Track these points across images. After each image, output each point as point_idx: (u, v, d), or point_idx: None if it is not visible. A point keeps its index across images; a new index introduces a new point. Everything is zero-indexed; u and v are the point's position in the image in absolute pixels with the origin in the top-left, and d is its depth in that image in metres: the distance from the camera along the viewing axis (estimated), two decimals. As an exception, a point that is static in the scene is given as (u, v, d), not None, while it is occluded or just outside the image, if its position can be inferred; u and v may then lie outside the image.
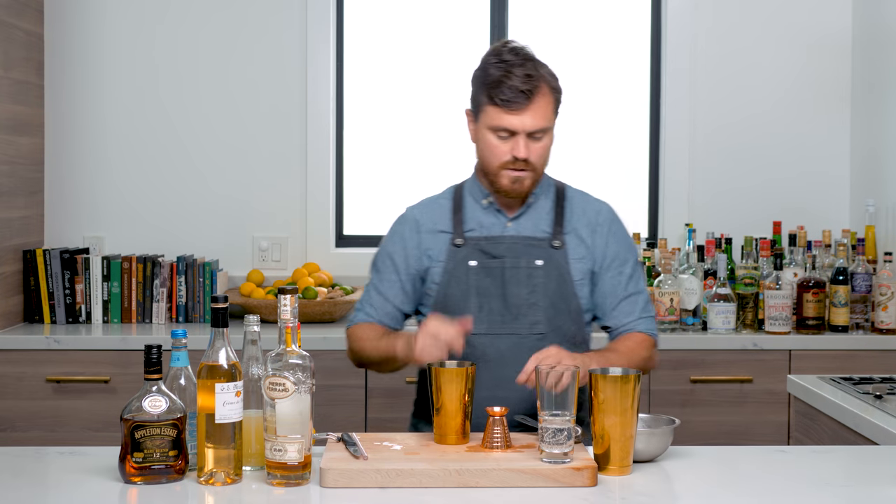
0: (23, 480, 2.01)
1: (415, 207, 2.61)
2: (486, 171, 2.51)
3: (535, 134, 2.43)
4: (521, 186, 2.47)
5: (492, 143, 2.44)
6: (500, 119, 2.41)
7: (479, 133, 2.49)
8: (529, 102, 2.40)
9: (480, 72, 2.47)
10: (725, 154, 4.40)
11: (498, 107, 2.40)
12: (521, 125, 2.41)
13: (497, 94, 2.40)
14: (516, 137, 2.42)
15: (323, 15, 4.32)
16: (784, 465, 2.13)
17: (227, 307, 2.00)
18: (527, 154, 2.42)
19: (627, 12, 4.51)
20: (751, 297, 3.91)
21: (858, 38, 4.35)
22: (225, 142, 4.33)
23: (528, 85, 2.39)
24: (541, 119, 2.42)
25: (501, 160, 2.44)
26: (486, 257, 2.49)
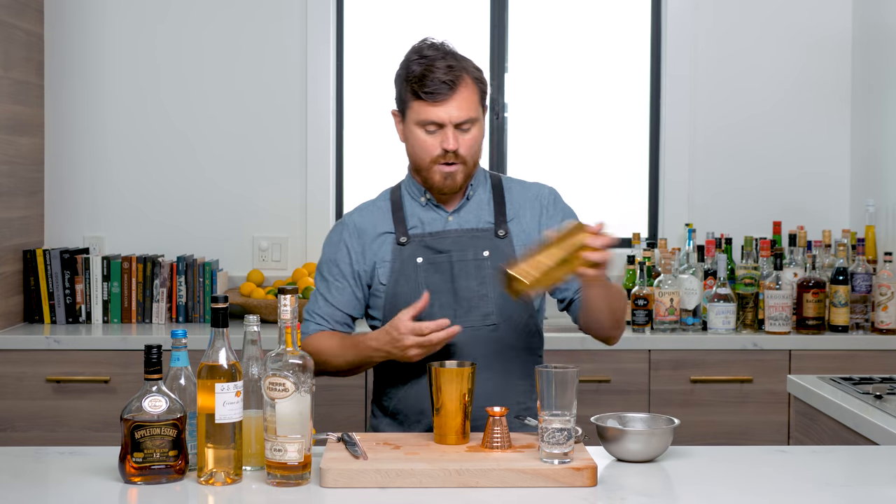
0: (23, 480, 2.01)
1: (353, 213, 2.60)
2: (417, 168, 2.50)
3: (462, 125, 2.42)
4: (452, 182, 2.46)
5: (420, 138, 2.44)
6: (426, 112, 2.41)
7: (407, 131, 2.48)
8: (453, 93, 2.40)
9: (403, 70, 2.47)
10: (725, 154, 4.41)
11: (423, 100, 2.40)
12: (447, 116, 2.40)
13: (421, 87, 2.40)
14: (444, 130, 2.41)
15: (323, 15, 4.32)
16: (784, 465, 2.13)
17: (227, 307, 2.00)
18: (456, 145, 2.41)
19: (627, 13, 4.51)
20: (751, 297, 3.91)
21: (858, 38, 4.35)
22: (225, 141, 4.33)
23: (451, 76, 2.40)
24: (466, 109, 2.41)
25: (432, 154, 2.44)
26: (432, 253, 2.48)
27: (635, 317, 3.90)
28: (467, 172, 2.48)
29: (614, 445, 2.12)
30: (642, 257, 4.03)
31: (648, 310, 3.90)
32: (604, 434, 2.13)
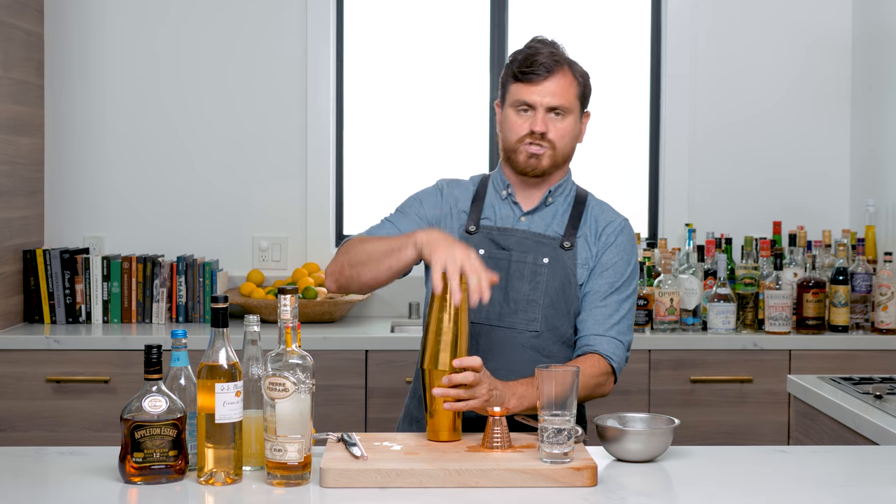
0: (23, 480, 2.01)
1: (448, 182, 2.59)
2: (506, 149, 2.50)
3: (555, 110, 2.44)
4: (537, 162, 2.46)
5: (511, 118, 2.47)
6: (520, 93, 2.44)
7: (503, 115, 2.51)
8: (550, 76, 2.43)
9: (510, 58, 2.52)
10: (725, 154, 4.41)
11: (519, 81, 2.44)
12: (539, 98, 2.43)
13: (520, 68, 2.44)
14: (534, 112, 2.44)
15: (323, 15, 4.32)
16: (784, 465, 2.13)
17: (227, 307, 2.00)
18: (544, 128, 2.42)
19: (627, 12, 4.51)
20: (751, 297, 3.91)
21: (858, 37, 4.35)
22: (225, 142, 4.33)
23: (551, 61, 2.43)
24: (560, 96, 2.44)
25: (519, 134, 2.45)
26: (495, 248, 2.48)
27: (635, 317, 3.90)
28: (554, 160, 2.47)
29: (614, 445, 2.12)
30: (642, 257, 4.03)
31: (648, 310, 3.90)
32: (604, 434, 2.13)
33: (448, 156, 4.43)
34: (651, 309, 3.90)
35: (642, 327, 3.91)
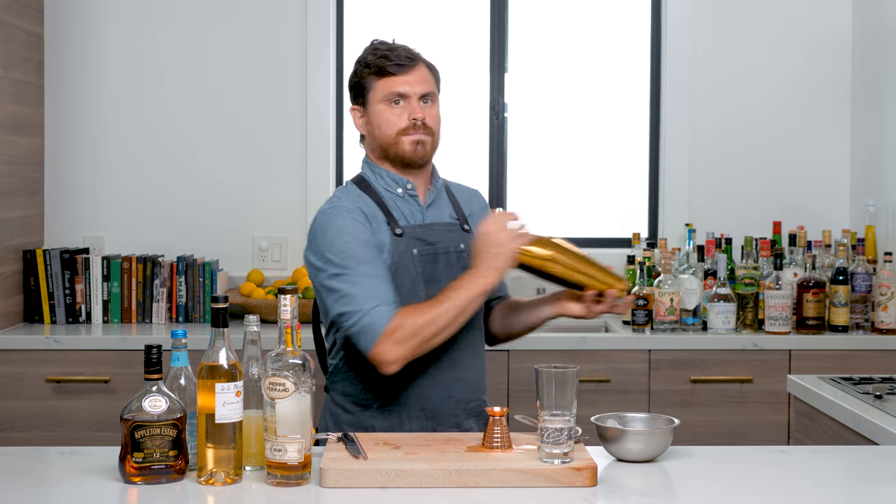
0: (23, 480, 2.01)
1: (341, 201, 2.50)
2: (385, 146, 2.51)
3: (425, 98, 2.50)
4: (423, 149, 2.50)
5: (386, 114, 2.49)
6: (390, 85, 2.48)
7: (371, 114, 2.52)
8: (415, 66, 2.50)
9: (359, 64, 2.55)
10: (726, 156, 4.41)
11: (387, 76, 2.48)
12: (410, 87, 2.48)
13: (383, 64, 2.49)
14: (409, 101, 2.49)
15: (323, 16, 4.32)
16: (784, 465, 2.13)
17: (227, 307, 2.00)
18: (423, 114, 2.48)
19: (628, 15, 4.51)
20: (751, 297, 3.91)
21: (858, 40, 4.35)
22: (225, 142, 4.33)
23: (409, 53, 2.52)
24: (428, 84, 2.51)
25: (399, 126, 2.48)
26: (424, 245, 2.49)
27: (635, 317, 3.90)
28: (433, 145, 2.53)
29: (614, 445, 2.12)
30: (642, 257, 4.03)
31: (648, 310, 3.90)
32: (604, 434, 2.13)
33: (448, 156, 4.41)
34: (651, 309, 3.90)
35: (642, 327, 3.90)
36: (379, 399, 2.48)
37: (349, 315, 2.34)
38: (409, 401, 2.47)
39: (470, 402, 2.52)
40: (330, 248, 2.40)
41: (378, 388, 2.48)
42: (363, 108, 2.54)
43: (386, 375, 2.38)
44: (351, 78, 2.57)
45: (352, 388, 2.51)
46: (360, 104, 2.54)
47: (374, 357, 2.33)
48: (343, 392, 2.53)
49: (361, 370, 2.47)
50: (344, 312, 2.35)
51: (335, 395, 2.55)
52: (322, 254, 2.41)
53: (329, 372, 2.57)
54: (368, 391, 2.49)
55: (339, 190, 2.57)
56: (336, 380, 2.55)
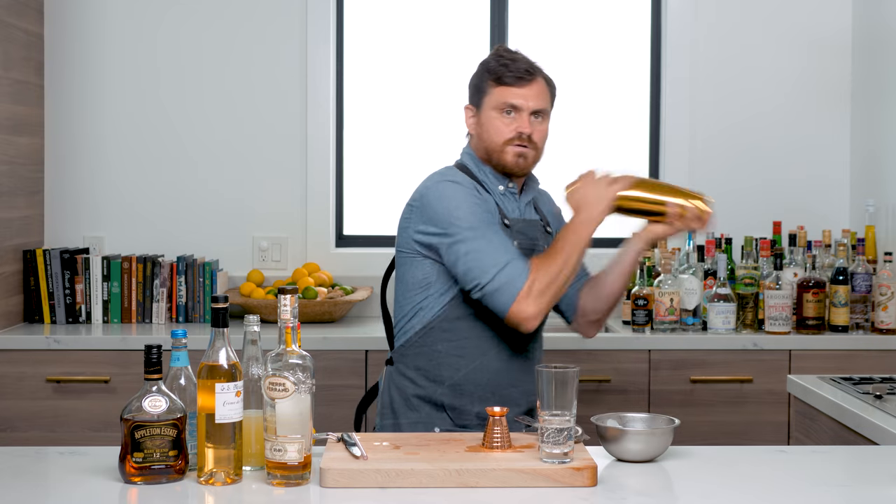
0: (23, 480, 2.01)
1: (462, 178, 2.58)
2: (490, 151, 2.61)
3: (536, 114, 2.59)
4: (525, 162, 2.61)
5: (495, 122, 2.59)
6: (505, 95, 2.58)
7: (483, 118, 2.62)
8: (532, 81, 2.59)
9: (481, 66, 2.66)
10: (725, 155, 4.41)
11: (504, 85, 2.58)
12: (524, 101, 2.57)
13: (502, 74, 2.58)
14: (520, 114, 2.58)
15: (323, 15, 4.32)
16: (784, 465, 2.13)
17: (227, 307, 2.00)
18: (531, 130, 2.58)
19: (627, 14, 4.51)
20: (751, 297, 3.91)
21: (858, 38, 4.35)
22: (225, 142, 4.33)
23: (530, 67, 2.60)
24: (542, 100, 2.61)
25: (506, 136, 2.58)
26: (525, 238, 2.61)
27: (635, 317, 3.90)
28: (536, 160, 2.64)
29: (614, 445, 2.12)
30: (642, 257, 4.03)
31: (648, 310, 3.90)
32: (604, 434, 2.13)
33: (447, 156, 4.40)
34: (651, 309, 3.90)
35: (642, 327, 3.90)
36: (453, 377, 2.57)
37: (483, 270, 2.43)
38: (482, 382, 2.57)
39: (531, 394, 2.59)
40: (454, 212, 2.50)
41: (453, 367, 2.57)
42: (476, 110, 2.64)
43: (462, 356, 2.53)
44: (472, 78, 2.67)
45: (425, 363, 2.60)
46: (475, 105, 2.65)
47: (514, 314, 2.43)
48: (415, 366, 2.61)
49: (442, 345, 2.57)
50: (474, 268, 2.44)
51: (404, 367, 2.63)
52: (443, 220, 2.51)
53: (400, 344, 2.63)
54: (443, 368, 2.57)
55: (445, 169, 2.65)
56: (408, 353, 2.62)
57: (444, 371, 2.58)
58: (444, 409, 2.58)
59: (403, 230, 2.61)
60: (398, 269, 2.65)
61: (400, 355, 2.64)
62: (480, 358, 2.58)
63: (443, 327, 2.57)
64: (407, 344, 2.62)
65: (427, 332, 2.59)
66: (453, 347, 2.58)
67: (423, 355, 2.60)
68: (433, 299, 2.57)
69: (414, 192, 2.63)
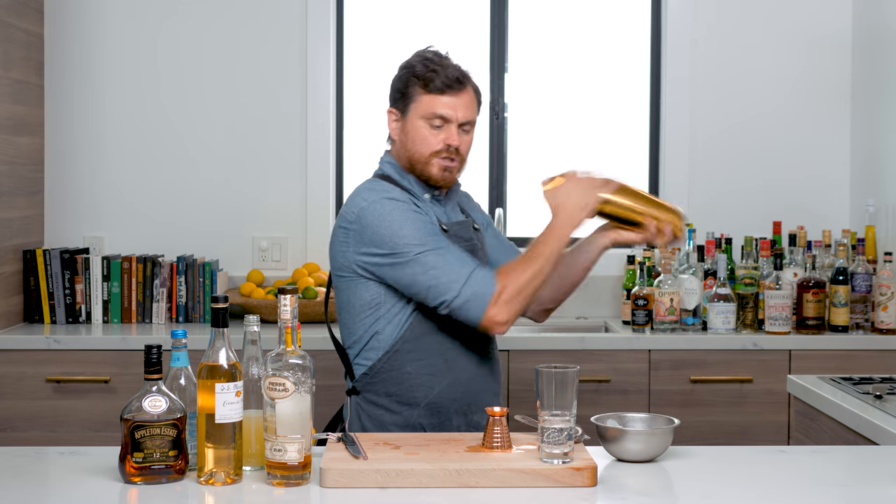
0: (23, 480, 2.01)
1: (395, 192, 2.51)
2: (414, 161, 2.54)
3: (464, 125, 2.52)
4: (451, 176, 2.55)
5: (423, 132, 2.51)
6: (434, 105, 2.49)
7: (408, 125, 2.53)
8: (462, 90, 2.51)
9: (407, 70, 2.55)
10: (726, 155, 4.41)
11: (432, 94, 2.49)
12: (453, 112, 2.50)
13: (432, 81, 2.49)
14: (449, 126, 2.50)
15: (323, 15, 4.32)
16: (784, 465, 2.13)
17: (227, 307, 2.00)
18: (459, 142, 2.51)
19: (627, 14, 4.51)
20: (751, 297, 3.91)
21: (858, 38, 4.35)
22: (225, 141, 4.33)
23: (461, 75, 2.52)
24: (470, 110, 2.53)
25: (433, 148, 2.51)
26: (463, 241, 2.55)
27: (635, 317, 3.90)
28: (460, 170, 2.58)
29: (614, 445, 2.12)
30: (642, 257, 4.03)
31: (648, 310, 3.90)
32: (604, 434, 2.13)
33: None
34: (651, 309, 3.90)
35: (642, 327, 3.90)
36: (427, 397, 2.50)
37: (447, 286, 2.38)
38: (456, 397, 2.51)
39: (499, 395, 2.61)
40: (398, 232, 2.43)
41: (425, 387, 2.49)
42: (401, 115, 2.55)
43: (433, 374, 2.48)
44: (395, 80, 2.57)
45: (396, 388, 2.50)
46: (399, 110, 2.56)
47: (487, 321, 2.39)
48: (385, 392, 2.51)
49: (411, 366, 2.49)
50: (437, 284, 2.38)
51: (373, 396, 2.53)
52: (388, 241, 2.43)
53: (363, 372, 2.53)
54: (416, 389, 2.49)
55: (372, 183, 2.56)
56: (374, 380, 2.52)
57: (418, 392, 2.49)
58: (424, 430, 2.49)
59: (340, 253, 2.50)
60: (339, 294, 2.55)
61: (365, 384, 2.53)
62: (451, 372, 2.50)
63: (407, 348, 2.48)
64: (371, 371, 2.52)
65: (392, 355, 2.49)
66: (423, 366, 2.49)
67: (391, 380, 2.50)
68: (387, 320, 2.48)
69: (343, 210, 2.53)
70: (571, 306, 4.19)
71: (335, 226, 2.55)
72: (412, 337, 2.49)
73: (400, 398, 2.50)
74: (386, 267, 2.43)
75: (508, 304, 2.38)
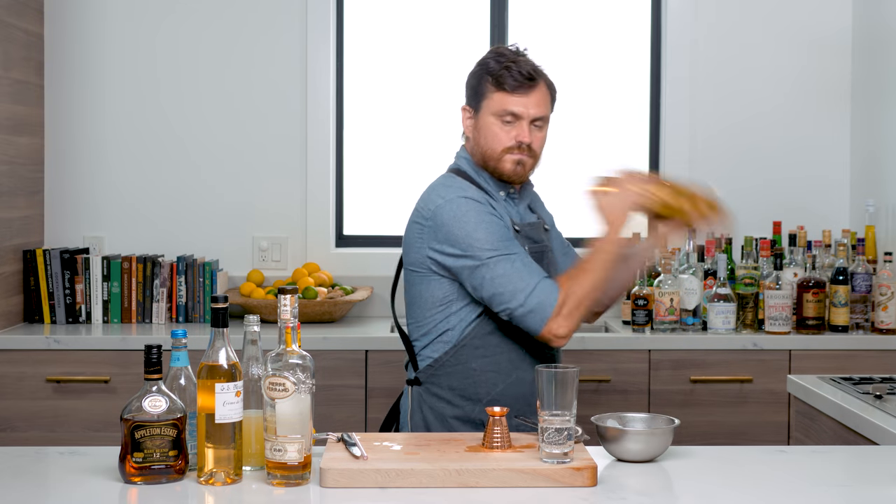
0: (23, 480, 2.01)
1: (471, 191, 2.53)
2: (487, 158, 2.56)
3: (536, 121, 2.54)
4: (522, 170, 2.56)
5: (495, 129, 2.54)
6: (505, 103, 2.52)
7: (480, 122, 2.56)
8: (533, 87, 2.53)
9: (481, 67, 2.58)
10: (726, 155, 4.41)
11: (504, 92, 2.51)
12: (525, 109, 2.52)
13: (503, 79, 2.51)
14: (520, 122, 2.52)
15: (323, 15, 4.32)
16: (784, 465, 2.13)
17: (227, 307, 2.00)
18: (530, 139, 2.53)
19: (627, 14, 4.51)
20: (751, 297, 3.91)
21: (858, 38, 4.35)
22: (225, 142, 4.33)
23: (533, 71, 2.53)
24: (543, 107, 2.55)
25: (505, 144, 2.53)
26: (532, 243, 2.59)
27: (635, 317, 3.90)
28: (533, 167, 2.60)
29: (614, 445, 2.12)
30: (642, 257, 4.02)
31: (648, 310, 3.90)
32: (604, 434, 2.13)
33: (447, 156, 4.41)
34: (651, 309, 3.90)
35: (642, 327, 3.90)
36: (490, 393, 2.53)
37: (512, 294, 2.42)
38: (519, 393, 2.54)
39: None
40: (473, 234, 2.46)
41: (489, 384, 2.53)
42: (474, 112, 2.58)
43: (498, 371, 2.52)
44: (469, 78, 2.60)
45: (460, 382, 2.54)
46: (473, 107, 2.58)
47: (547, 333, 2.43)
48: (449, 386, 2.55)
49: (476, 363, 2.53)
50: (503, 292, 2.42)
51: (436, 388, 2.56)
52: (462, 242, 2.46)
53: (428, 364, 2.57)
54: (479, 386, 2.53)
55: (448, 179, 2.58)
56: (439, 373, 2.56)
57: (481, 388, 2.53)
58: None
59: (416, 249, 2.54)
60: (410, 287, 2.59)
61: (429, 376, 2.56)
62: (515, 371, 2.54)
63: (474, 344, 2.53)
64: (437, 364, 2.55)
65: (458, 350, 2.53)
66: (488, 364, 2.53)
67: (456, 374, 2.54)
68: (458, 317, 2.53)
69: (419, 205, 2.56)
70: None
71: (410, 220, 2.59)
72: (480, 334, 2.54)
73: (463, 393, 2.55)
74: (459, 267, 2.48)
75: (568, 317, 2.42)
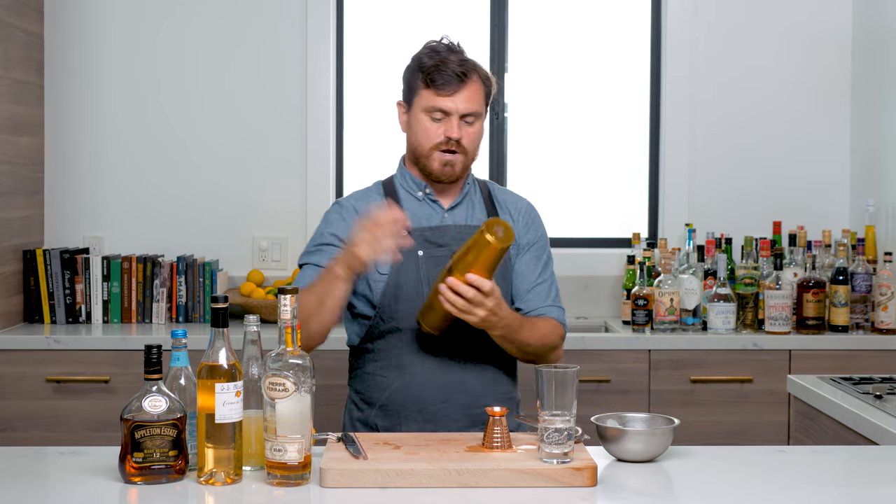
0: (23, 480, 2.01)
1: (349, 198, 2.62)
2: (417, 154, 2.56)
3: (466, 117, 2.52)
4: (451, 170, 2.53)
5: (425, 125, 2.52)
6: (434, 100, 2.50)
7: (412, 118, 2.55)
8: (463, 85, 2.50)
9: (415, 61, 2.57)
10: (726, 155, 4.41)
11: (432, 89, 2.50)
12: (454, 106, 2.50)
13: (432, 76, 2.50)
14: (449, 119, 2.50)
15: (323, 15, 4.32)
16: (784, 465, 2.13)
17: (227, 307, 2.00)
18: (459, 134, 2.50)
19: (627, 13, 4.51)
20: (751, 297, 3.91)
21: (859, 37, 4.35)
22: (225, 141, 4.33)
23: (462, 68, 2.50)
24: (473, 103, 2.52)
25: (434, 141, 2.52)
26: (433, 246, 2.53)
27: (635, 317, 3.90)
28: (465, 164, 2.56)
29: (614, 445, 2.12)
30: (642, 257, 4.03)
31: (648, 310, 3.90)
32: (604, 434, 2.13)
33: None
34: (651, 309, 3.90)
35: (642, 327, 3.90)
36: (380, 398, 2.52)
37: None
38: (407, 402, 2.50)
39: (473, 407, 2.50)
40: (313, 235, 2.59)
41: (379, 388, 2.52)
42: (407, 108, 2.58)
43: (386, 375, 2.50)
44: (404, 73, 2.59)
45: (361, 386, 2.57)
46: (406, 102, 2.59)
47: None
48: (356, 389, 2.60)
49: (370, 366, 2.54)
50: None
51: (351, 392, 2.62)
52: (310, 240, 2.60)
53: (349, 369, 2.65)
54: (373, 390, 2.54)
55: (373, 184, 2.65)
56: (353, 377, 2.62)
57: (374, 393, 2.53)
58: (378, 431, 2.49)
59: None
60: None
61: (350, 379, 2.64)
62: (401, 377, 2.49)
63: (367, 348, 2.55)
64: (351, 367, 2.63)
65: (357, 353, 2.59)
66: (378, 368, 2.52)
67: (357, 378, 2.59)
68: (355, 322, 2.57)
69: None
70: (572, 306, 4.18)
71: None
72: (370, 337, 2.54)
73: (363, 396, 2.57)
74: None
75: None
